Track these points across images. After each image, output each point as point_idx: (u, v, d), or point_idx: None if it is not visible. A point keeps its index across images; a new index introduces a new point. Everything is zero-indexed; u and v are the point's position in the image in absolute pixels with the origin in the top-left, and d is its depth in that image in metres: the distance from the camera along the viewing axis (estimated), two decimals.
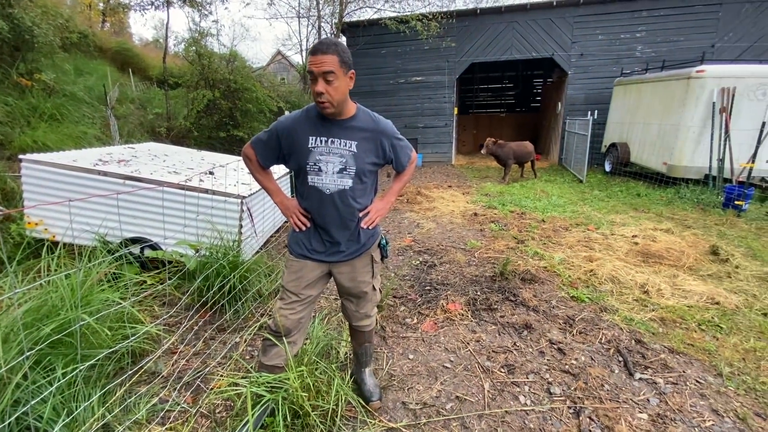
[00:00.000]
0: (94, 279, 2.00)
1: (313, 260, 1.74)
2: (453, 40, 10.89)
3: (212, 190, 3.39)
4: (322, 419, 1.79)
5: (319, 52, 1.41)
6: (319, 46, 1.42)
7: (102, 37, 11.72)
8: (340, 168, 1.58)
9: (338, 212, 1.64)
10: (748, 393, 2.09)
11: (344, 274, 1.79)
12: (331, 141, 1.57)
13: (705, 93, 6.53)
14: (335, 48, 1.42)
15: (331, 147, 1.57)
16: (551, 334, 2.65)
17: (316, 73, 1.42)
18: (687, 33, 9.56)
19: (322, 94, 1.43)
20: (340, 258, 1.75)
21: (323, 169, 1.58)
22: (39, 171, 3.33)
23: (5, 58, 6.33)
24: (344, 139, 1.58)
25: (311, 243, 1.73)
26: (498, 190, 7.51)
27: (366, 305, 1.90)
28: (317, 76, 1.42)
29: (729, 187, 5.83)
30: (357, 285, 1.82)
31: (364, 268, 1.81)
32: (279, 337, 1.75)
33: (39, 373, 1.69)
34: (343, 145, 1.58)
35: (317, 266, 1.75)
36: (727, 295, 3.10)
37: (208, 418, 1.94)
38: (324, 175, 1.58)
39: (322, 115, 1.56)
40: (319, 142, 1.57)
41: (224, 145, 10.12)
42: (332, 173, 1.58)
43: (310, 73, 1.44)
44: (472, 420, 1.93)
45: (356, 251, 1.76)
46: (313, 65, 1.41)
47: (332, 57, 1.41)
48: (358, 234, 1.74)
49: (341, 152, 1.58)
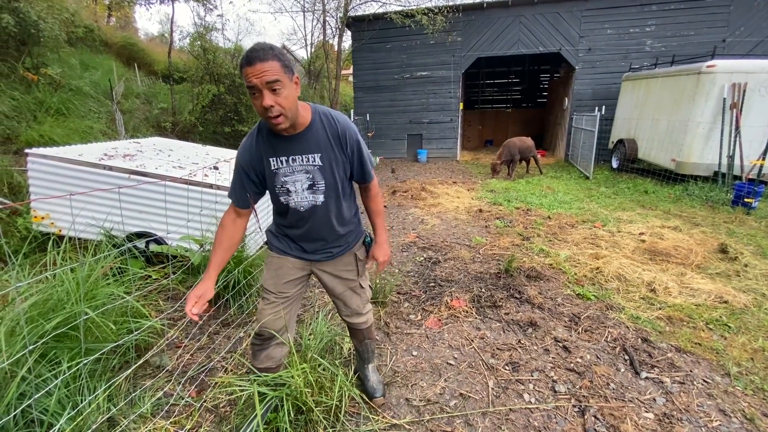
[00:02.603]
0: (98, 273, 2.00)
1: (294, 257, 1.68)
2: (459, 34, 10.79)
3: (216, 185, 3.38)
4: (326, 415, 1.79)
5: (257, 60, 1.20)
6: (255, 54, 1.21)
7: (107, 32, 11.74)
8: (309, 184, 1.48)
9: (315, 225, 1.59)
10: (756, 393, 2.06)
11: (327, 273, 1.75)
12: (292, 159, 1.44)
13: (715, 88, 6.42)
14: (272, 53, 1.23)
15: (293, 165, 1.45)
16: (556, 332, 2.62)
17: (259, 86, 1.22)
18: (698, 27, 9.40)
19: (272, 107, 1.24)
20: (321, 257, 1.70)
21: (291, 189, 1.48)
22: (45, 165, 3.35)
23: (11, 52, 6.35)
24: (306, 154, 1.44)
25: (292, 242, 1.67)
26: (503, 187, 7.46)
27: (355, 303, 1.84)
28: (261, 88, 1.22)
29: (739, 185, 5.75)
30: (341, 284, 1.78)
31: (347, 267, 1.76)
32: (264, 339, 1.70)
33: (44, 366, 1.70)
34: (305, 160, 1.45)
35: (297, 263, 1.69)
36: (736, 294, 3.06)
37: (212, 413, 1.95)
38: (294, 194, 1.49)
39: (274, 133, 1.42)
40: (279, 162, 1.44)
41: (229, 140, 10.13)
42: (302, 191, 1.49)
43: (250, 88, 1.24)
44: (476, 417, 1.92)
45: (339, 252, 1.72)
46: (253, 77, 1.21)
47: (273, 63, 1.22)
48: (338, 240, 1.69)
49: (306, 168, 1.46)
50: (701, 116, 6.58)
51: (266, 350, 1.72)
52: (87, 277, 1.95)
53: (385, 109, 11.89)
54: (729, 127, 6.36)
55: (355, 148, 1.53)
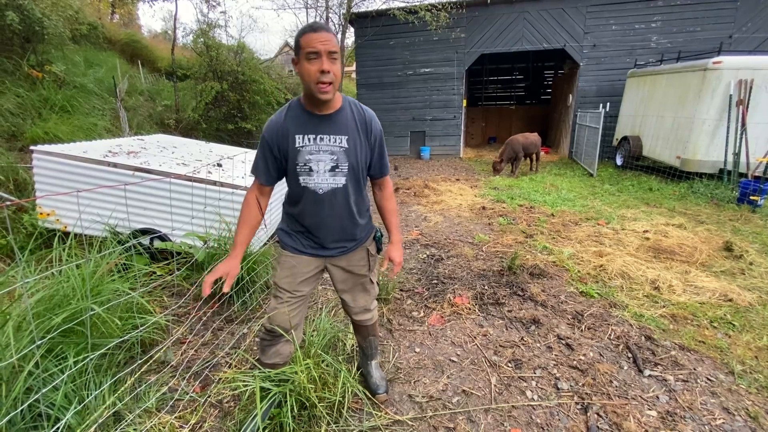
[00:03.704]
0: (104, 269, 2.01)
1: (308, 255, 1.69)
2: (462, 30, 10.74)
3: (220, 182, 3.40)
4: (329, 411, 1.80)
5: (322, 29, 1.33)
6: (320, 25, 1.35)
7: (111, 29, 11.75)
8: (332, 166, 1.50)
9: (333, 211, 1.58)
10: (761, 391, 2.05)
11: (339, 268, 1.76)
12: (320, 138, 1.47)
13: (721, 85, 6.36)
14: (333, 30, 1.40)
15: (320, 144, 1.48)
16: (559, 330, 2.62)
17: (322, 51, 1.30)
18: (704, 23, 9.31)
19: (328, 73, 1.32)
20: (335, 253, 1.70)
21: (314, 169, 1.49)
22: (50, 162, 3.37)
23: (16, 49, 6.37)
24: (334, 135, 1.48)
25: (306, 240, 1.68)
26: (507, 184, 7.44)
27: (364, 299, 1.86)
28: (322, 53, 1.31)
29: (744, 182, 5.71)
30: (352, 279, 1.79)
31: (359, 261, 1.77)
32: (275, 336, 1.71)
33: (51, 361, 1.72)
34: (332, 141, 1.48)
35: (312, 261, 1.70)
36: (741, 292, 3.05)
37: (216, 408, 1.97)
38: (315, 175, 1.50)
39: (308, 111, 1.47)
40: (306, 140, 1.47)
41: (232, 138, 10.14)
42: (324, 172, 1.50)
43: (310, 53, 1.30)
44: (479, 414, 1.93)
45: (352, 247, 1.73)
46: (319, 42, 1.30)
47: (333, 37, 1.35)
48: (354, 232, 1.70)
49: (331, 149, 1.49)
50: (707, 113, 6.52)
51: (275, 346, 1.73)
52: (92, 274, 1.96)
53: (388, 106, 11.87)
54: (735, 124, 6.31)
55: (378, 138, 1.60)
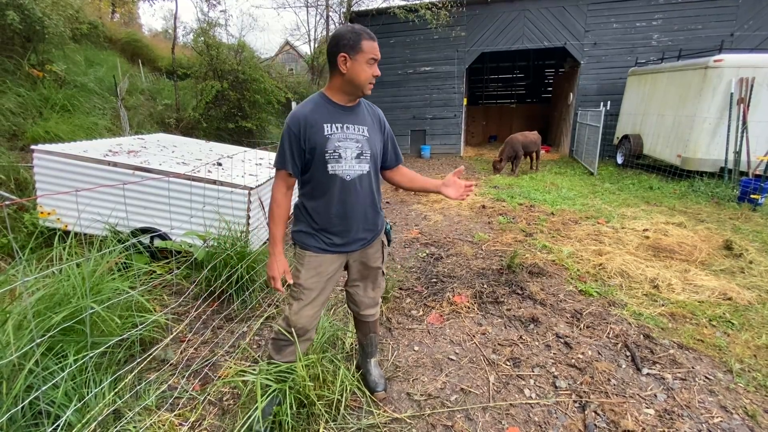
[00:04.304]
0: (104, 268, 2.02)
1: (333, 253, 1.71)
2: (463, 29, 10.72)
3: (220, 181, 3.40)
4: (328, 409, 1.81)
5: (376, 40, 1.56)
6: (372, 35, 1.55)
7: (112, 28, 11.75)
8: (357, 153, 1.62)
9: (359, 199, 1.66)
10: (759, 390, 2.06)
11: (357, 261, 1.81)
12: (346, 127, 1.62)
13: (722, 83, 6.35)
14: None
15: (347, 133, 1.61)
16: (558, 328, 2.63)
17: (378, 59, 1.56)
18: (705, 21, 9.28)
19: (377, 77, 1.58)
20: (358, 247, 1.75)
21: (343, 156, 1.60)
22: (51, 161, 3.38)
23: (17, 49, 6.38)
24: (357, 125, 1.64)
25: (332, 237, 1.69)
26: (507, 183, 7.44)
27: (375, 290, 1.92)
28: (377, 60, 1.56)
29: (745, 181, 5.70)
30: (367, 271, 1.85)
31: (376, 253, 1.84)
32: (299, 336, 1.74)
33: (51, 359, 1.73)
34: (356, 130, 1.63)
35: (336, 258, 1.73)
36: (740, 291, 3.04)
37: (215, 406, 1.98)
38: (344, 162, 1.60)
39: (334, 102, 1.63)
40: (335, 128, 1.60)
41: (233, 137, 10.15)
42: (351, 159, 1.61)
43: (373, 59, 1.55)
44: (477, 412, 1.93)
45: (372, 238, 1.79)
46: (378, 51, 1.56)
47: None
48: (375, 222, 1.77)
49: (356, 137, 1.63)
50: (708, 111, 6.51)
51: (292, 346, 1.75)
52: (92, 272, 1.97)
53: (388, 105, 11.85)
54: (736, 122, 6.30)
55: (389, 131, 1.82)
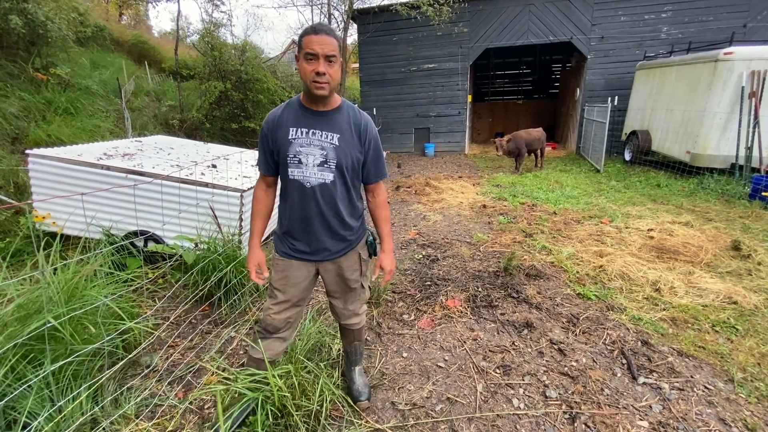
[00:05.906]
0: (82, 274, 2.01)
1: (298, 259, 1.70)
2: (466, 25, 10.58)
3: (212, 184, 3.38)
4: (306, 419, 1.76)
5: (323, 32, 1.40)
6: (322, 27, 1.42)
7: (119, 30, 11.87)
8: (321, 161, 1.54)
9: (320, 208, 1.60)
10: (761, 401, 1.96)
11: (331, 272, 1.76)
12: (312, 132, 1.54)
13: (733, 76, 6.13)
14: (334, 33, 1.44)
15: (311, 138, 1.54)
16: (552, 334, 2.55)
17: (320, 54, 1.40)
18: (716, 12, 9.00)
19: (324, 75, 1.42)
20: (325, 257, 1.70)
21: (303, 162, 1.54)
22: (45, 165, 3.39)
23: (20, 53, 6.47)
24: (326, 131, 1.55)
25: (295, 243, 1.69)
26: (510, 181, 7.32)
27: (353, 303, 1.87)
28: (319, 56, 1.40)
29: (756, 177, 5.50)
30: (344, 283, 1.79)
31: (351, 266, 1.77)
32: (268, 332, 1.73)
33: (26, 368, 1.71)
34: (324, 137, 1.54)
35: (303, 265, 1.71)
36: (746, 294, 2.92)
37: (196, 414, 1.95)
38: (304, 168, 1.55)
39: (305, 107, 1.55)
40: (299, 133, 1.54)
41: (237, 137, 10.18)
42: (312, 165, 1.54)
43: (308, 54, 1.40)
44: (462, 423, 1.87)
45: (342, 250, 1.72)
46: (317, 45, 1.39)
47: (334, 41, 1.42)
48: (343, 234, 1.69)
49: (322, 144, 1.54)
50: (718, 106, 6.30)
51: (267, 341, 1.74)
52: (70, 279, 1.95)
53: (391, 103, 11.78)
54: (747, 117, 6.08)
55: (372, 143, 1.65)
